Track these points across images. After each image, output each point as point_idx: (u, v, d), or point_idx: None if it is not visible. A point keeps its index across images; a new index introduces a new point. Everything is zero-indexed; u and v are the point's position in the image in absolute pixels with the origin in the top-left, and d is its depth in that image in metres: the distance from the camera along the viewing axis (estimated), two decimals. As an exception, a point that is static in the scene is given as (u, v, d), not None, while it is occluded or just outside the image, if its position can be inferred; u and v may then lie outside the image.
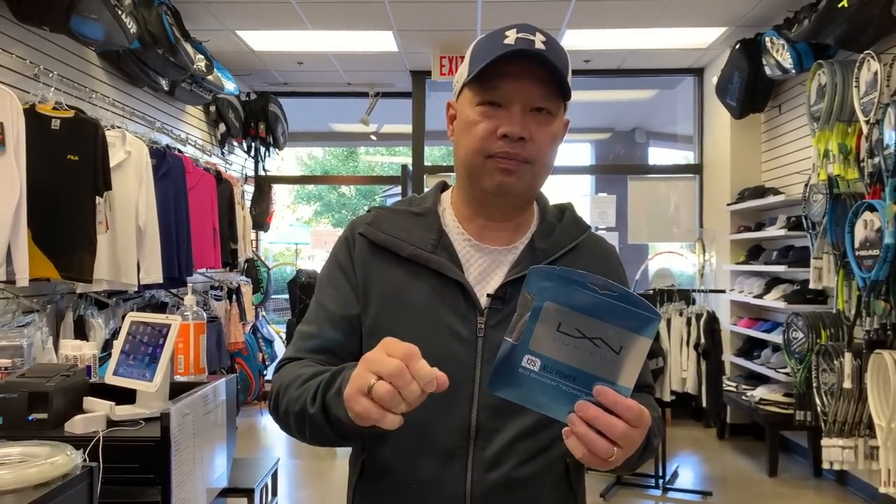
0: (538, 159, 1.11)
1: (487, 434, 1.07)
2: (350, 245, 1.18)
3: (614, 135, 8.97)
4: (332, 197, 19.65)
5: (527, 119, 1.08)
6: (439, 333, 1.09)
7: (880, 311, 3.48)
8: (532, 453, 1.08)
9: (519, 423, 1.08)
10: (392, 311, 1.12)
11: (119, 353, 2.04)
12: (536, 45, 1.07)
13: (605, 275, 1.16)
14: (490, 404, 1.08)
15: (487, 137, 1.08)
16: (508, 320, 1.08)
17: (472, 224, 1.17)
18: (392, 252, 1.14)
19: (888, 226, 3.32)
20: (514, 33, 1.08)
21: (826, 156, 4.12)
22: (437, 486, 1.07)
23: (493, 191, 1.11)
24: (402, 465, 1.08)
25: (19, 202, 3.01)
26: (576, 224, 1.22)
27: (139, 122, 4.68)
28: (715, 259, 6.16)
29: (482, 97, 1.09)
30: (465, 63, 1.14)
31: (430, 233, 1.15)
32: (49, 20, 3.36)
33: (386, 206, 1.23)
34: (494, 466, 1.07)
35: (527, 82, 1.07)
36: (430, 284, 1.11)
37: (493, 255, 1.15)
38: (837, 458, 3.77)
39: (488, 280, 1.13)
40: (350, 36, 5.57)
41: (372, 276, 1.14)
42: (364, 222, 1.18)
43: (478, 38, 1.15)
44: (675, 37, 5.60)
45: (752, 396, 5.01)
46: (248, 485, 2.68)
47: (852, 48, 4.03)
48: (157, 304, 4.78)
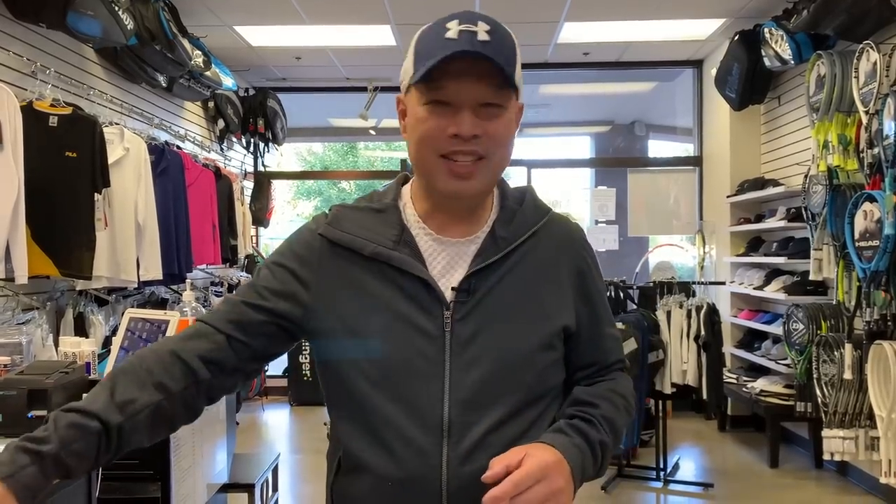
0: (494, 153, 1.09)
1: (460, 428, 1.07)
2: (308, 247, 1.15)
3: (614, 128, 8.95)
4: (332, 192, 19.64)
5: (477, 116, 1.06)
6: (406, 330, 1.09)
7: (880, 301, 3.47)
8: (506, 444, 1.07)
9: (492, 415, 1.08)
10: (357, 311, 1.10)
11: (118, 350, 2.04)
12: (479, 37, 1.04)
13: (569, 257, 1.19)
14: (461, 398, 1.07)
15: (438, 137, 1.06)
16: (474, 312, 1.10)
17: (433, 218, 1.15)
18: (354, 251, 1.12)
19: (888, 216, 3.31)
20: (457, 25, 1.06)
21: (826, 147, 4.11)
22: (414, 483, 1.07)
23: (450, 195, 1.10)
24: (377, 462, 1.08)
25: (17, 200, 3.01)
26: (536, 208, 1.20)
27: (137, 119, 4.67)
28: (715, 251, 6.15)
29: (428, 96, 1.07)
30: (410, 58, 1.11)
31: (390, 229, 1.13)
32: (45, 17, 3.36)
33: (346, 203, 1.21)
34: (469, 460, 1.06)
35: (472, 79, 1.05)
36: (393, 281, 1.10)
37: (456, 247, 1.14)
38: (838, 448, 3.77)
39: (452, 273, 1.12)
40: (348, 30, 5.56)
41: (334, 277, 1.12)
42: (324, 222, 1.16)
43: (420, 30, 1.12)
44: (673, 29, 5.59)
45: (752, 388, 5.01)
46: (248, 480, 2.68)
47: (851, 38, 4.01)
48: (156, 301, 4.78)
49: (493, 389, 1.08)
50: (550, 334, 1.13)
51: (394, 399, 1.08)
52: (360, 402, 1.09)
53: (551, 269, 1.16)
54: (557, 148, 10.72)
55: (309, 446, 5.30)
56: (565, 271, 1.17)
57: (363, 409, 1.09)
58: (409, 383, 1.08)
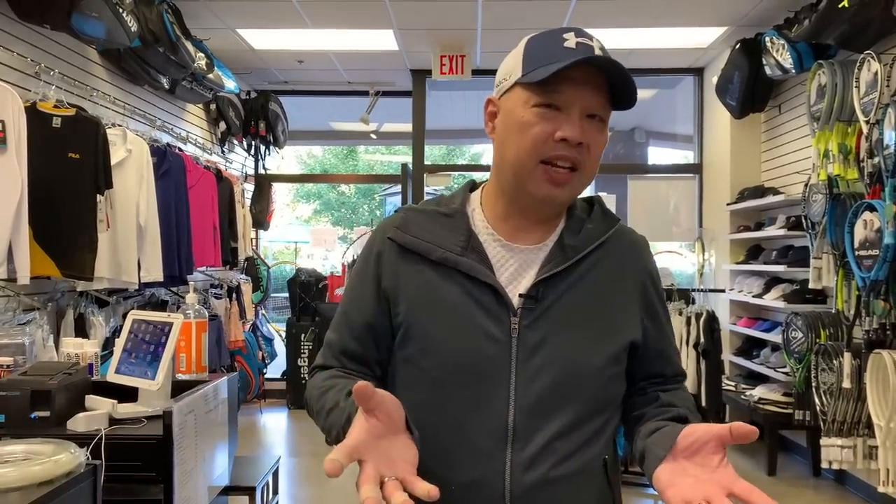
0: (588, 168, 1.11)
1: (524, 434, 1.07)
2: (380, 249, 1.17)
3: (614, 134, 8.96)
4: (332, 195, 19.64)
5: (584, 124, 1.07)
6: (473, 335, 1.09)
7: (880, 310, 3.48)
8: (569, 452, 1.09)
9: (556, 423, 1.08)
10: (425, 314, 1.12)
11: (121, 352, 2.04)
12: (596, 52, 1.06)
13: (636, 269, 1.20)
14: (526, 405, 1.08)
15: (544, 140, 1.07)
16: (542, 319, 1.10)
17: (505, 224, 1.16)
18: (422, 255, 1.13)
19: (888, 226, 3.33)
20: (574, 37, 1.07)
21: (826, 156, 4.12)
22: (476, 488, 1.07)
23: (541, 200, 1.11)
24: (440, 466, 1.07)
25: (20, 200, 3.01)
26: (605, 217, 1.21)
27: (140, 121, 4.68)
28: (714, 258, 6.16)
29: (541, 98, 1.07)
30: (517, 61, 1.11)
31: (458, 234, 1.14)
32: (50, 18, 3.36)
33: (415, 206, 1.22)
34: (532, 467, 1.07)
35: (588, 88, 1.07)
36: (461, 286, 1.11)
37: (524, 254, 1.14)
38: (836, 457, 3.78)
39: (520, 280, 1.13)
40: (350, 34, 5.57)
41: (403, 280, 1.14)
42: (393, 225, 1.18)
43: (529, 37, 1.13)
44: (675, 36, 5.61)
45: (751, 396, 5.02)
46: (249, 483, 2.68)
47: (853, 48, 4.03)
48: (157, 303, 4.78)
49: (558, 398, 1.09)
50: (617, 348, 1.14)
51: (459, 402, 1.08)
52: (425, 404, 1.09)
53: (619, 281, 1.16)
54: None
55: (307, 450, 5.29)
56: (632, 283, 1.18)
57: (427, 412, 1.08)
58: (475, 388, 1.08)
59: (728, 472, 0.91)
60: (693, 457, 0.95)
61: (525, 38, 1.13)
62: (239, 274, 6.28)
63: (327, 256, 13.95)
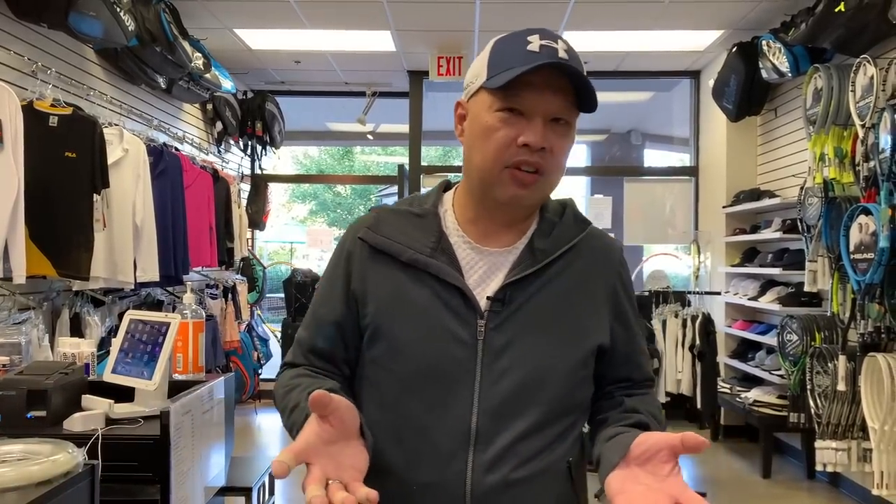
0: (554, 171, 1.11)
1: (487, 437, 1.08)
2: (350, 249, 1.18)
3: (610, 136, 8.97)
4: (328, 196, 19.62)
5: (547, 129, 1.07)
6: (440, 337, 1.10)
7: (874, 314, 3.49)
8: (532, 454, 1.09)
9: (519, 425, 1.08)
10: (392, 314, 1.12)
11: (118, 351, 2.04)
12: (560, 54, 1.06)
13: (607, 273, 1.19)
14: (490, 407, 1.08)
15: (507, 146, 1.07)
16: (509, 322, 1.10)
17: (475, 227, 1.16)
18: (392, 256, 1.14)
19: (883, 229, 3.34)
20: (538, 39, 1.07)
21: (822, 159, 4.13)
22: (438, 489, 1.07)
23: (507, 202, 1.11)
24: (404, 467, 1.09)
25: (17, 199, 3.00)
26: (576, 221, 1.21)
27: (137, 120, 4.67)
28: (710, 261, 6.17)
29: (503, 103, 1.07)
30: (483, 64, 1.11)
31: (429, 235, 1.14)
32: (47, 17, 3.36)
33: (388, 206, 1.22)
34: (494, 469, 1.07)
35: (550, 92, 1.06)
36: (430, 288, 1.11)
37: (494, 257, 1.14)
38: (831, 460, 3.79)
39: (489, 283, 1.13)
40: (348, 35, 5.57)
41: (372, 281, 1.14)
42: (364, 225, 1.18)
43: (496, 39, 1.13)
44: (672, 39, 5.62)
45: (746, 398, 5.02)
46: (245, 483, 2.67)
47: (849, 52, 4.04)
48: (153, 302, 4.77)
49: (522, 400, 1.09)
50: (584, 352, 1.14)
51: (423, 404, 1.09)
52: (390, 404, 1.11)
53: (589, 285, 1.16)
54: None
55: (302, 450, 5.28)
56: (602, 287, 1.18)
57: (392, 412, 1.10)
58: (439, 389, 1.08)
59: (677, 482, 0.91)
60: (645, 465, 0.95)
61: (492, 40, 1.13)
62: (235, 274, 6.27)
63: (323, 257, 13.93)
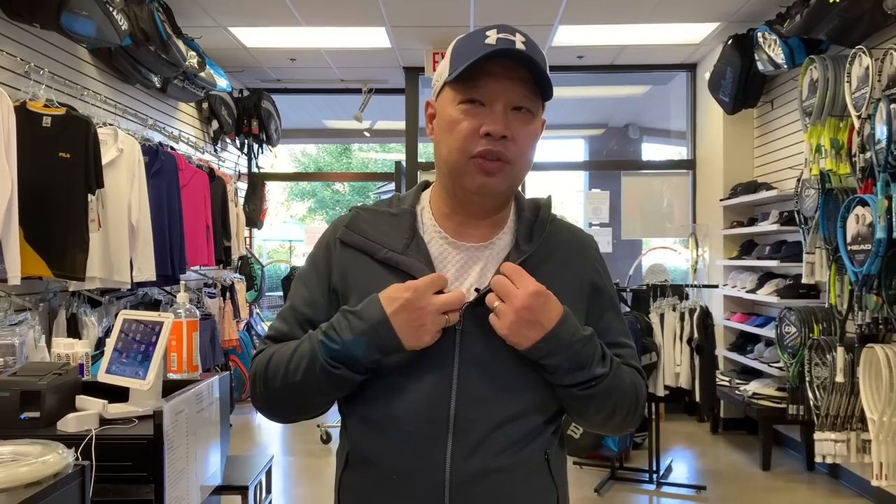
0: (519, 158, 1.13)
1: (466, 424, 1.09)
2: (330, 247, 1.21)
3: (608, 131, 8.98)
4: (326, 194, 19.61)
5: (508, 118, 1.10)
6: None
7: (872, 305, 3.49)
8: (511, 443, 1.11)
9: (497, 413, 1.11)
10: None
11: (112, 351, 2.03)
12: (517, 46, 1.09)
13: (583, 268, 1.22)
14: (468, 396, 1.10)
15: (470, 136, 1.10)
16: (488, 312, 1.11)
17: (450, 221, 1.20)
18: (368, 254, 1.17)
19: (879, 220, 3.33)
20: (495, 33, 1.10)
21: (818, 151, 4.13)
22: (417, 476, 1.09)
23: (475, 191, 1.13)
24: (384, 455, 1.11)
25: (10, 200, 3.00)
26: (551, 218, 1.24)
27: (131, 120, 4.66)
28: (708, 254, 6.17)
29: (464, 95, 1.11)
30: (446, 62, 1.15)
31: (402, 234, 1.18)
32: (40, 17, 3.35)
33: (367, 205, 1.26)
34: (472, 456, 1.09)
35: (509, 81, 1.09)
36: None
37: (470, 251, 1.18)
38: (830, 451, 3.79)
39: (466, 276, 1.16)
40: (343, 32, 5.56)
41: (352, 278, 1.17)
42: (342, 224, 1.22)
43: (457, 38, 1.17)
44: (667, 32, 5.61)
45: (745, 391, 5.03)
46: (242, 482, 2.67)
47: (844, 43, 4.04)
48: (150, 302, 4.77)
49: (500, 388, 1.11)
50: None
51: (403, 394, 1.11)
52: (369, 397, 1.13)
53: (565, 279, 1.19)
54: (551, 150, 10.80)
55: (301, 448, 5.28)
56: (579, 282, 1.21)
57: (371, 404, 1.13)
58: (418, 379, 1.11)
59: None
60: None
61: (454, 40, 1.17)
62: (233, 273, 6.26)
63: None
